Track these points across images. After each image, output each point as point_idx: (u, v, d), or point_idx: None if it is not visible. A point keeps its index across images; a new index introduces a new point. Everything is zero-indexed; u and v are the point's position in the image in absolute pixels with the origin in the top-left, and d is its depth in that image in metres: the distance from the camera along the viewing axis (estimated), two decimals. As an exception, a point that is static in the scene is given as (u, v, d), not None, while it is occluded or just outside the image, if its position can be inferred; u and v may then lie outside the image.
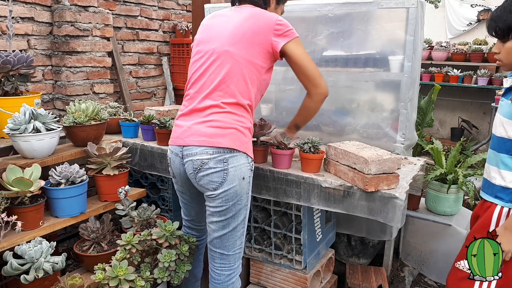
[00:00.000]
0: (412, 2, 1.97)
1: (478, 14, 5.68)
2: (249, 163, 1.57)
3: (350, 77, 2.24)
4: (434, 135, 5.89)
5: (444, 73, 5.62)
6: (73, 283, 1.61)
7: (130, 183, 2.42)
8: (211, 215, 1.58)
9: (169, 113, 2.59)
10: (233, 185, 1.51)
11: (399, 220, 1.60)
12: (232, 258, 1.63)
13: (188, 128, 1.56)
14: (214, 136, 1.50)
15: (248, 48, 1.55)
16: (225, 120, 1.51)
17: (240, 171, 1.52)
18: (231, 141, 1.50)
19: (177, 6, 3.75)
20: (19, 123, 1.84)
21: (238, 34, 1.56)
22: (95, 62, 2.89)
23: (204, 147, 1.50)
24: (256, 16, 1.59)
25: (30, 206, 1.73)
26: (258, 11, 1.61)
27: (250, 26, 1.56)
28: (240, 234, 1.61)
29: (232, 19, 1.61)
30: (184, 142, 1.55)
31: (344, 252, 2.54)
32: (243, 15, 1.59)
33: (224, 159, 1.50)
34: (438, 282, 2.55)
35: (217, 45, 1.58)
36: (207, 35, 1.65)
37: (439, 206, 2.56)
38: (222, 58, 1.55)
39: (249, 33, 1.55)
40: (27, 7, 2.61)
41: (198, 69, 1.62)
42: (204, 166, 1.50)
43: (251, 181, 1.60)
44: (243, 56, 1.54)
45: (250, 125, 1.60)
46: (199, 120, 1.54)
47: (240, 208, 1.57)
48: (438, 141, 2.83)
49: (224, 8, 1.77)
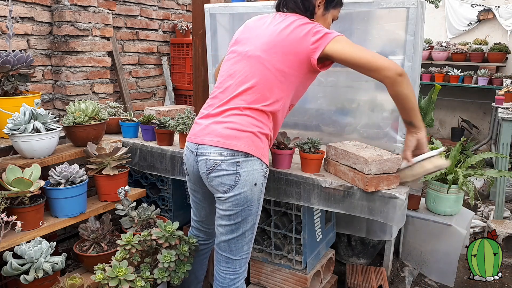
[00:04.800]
0: (412, 2, 1.97)
1: (478, 14, 5.67)
2: (263, 169, 1.53)
3: (350, 77, 2.24)
4: (434, 135, 5.89)
5: (444, 73, 5.62)
6: (73, 283, 1.61)
7: (130, 183, 2.42)
8: (220, 218, 1.56)
9: (169, 113, 2.59)
10: (244, 190, 1.49)
11: (399, 220, 1.60)
12: (238, 263, 1.60)
13: (205, 127, 1.54)
14: (230, 138, 1.47)
15: (282, 57, 1.51)
16: (242, 123, 1.48)
17: (253, 177, 1.49)
18: (246, 144, 1.47)
19: (177, 6, 3.75)
20: (19, 123, 1.84)
21: (274, 41, 1.53)
22: (95, 62, 2.89)
23: (219, 148, 1.48)
24: (296, 26, 1.53)
25: (30, 206, 1.73)
26: (301, 21, 1.55)
27: (288, 34, 1.52)
28: (248, 240, 1.59)
29: (273, 25, 1.58)
30: (200, 140, 1.53)
31: (344, 252, 2.54)
32: (285, 24, 1.55)
33: (238, 163, 1.47)
34: (438, 282, 2.55)
35: (251, 48, 1.56)
36: (245, 37, 1.63)
37: (439, 206, 2.56)
38: (253, 63, 1.53)
39: (285, 42, 1.51)
40: (27, 7, 2.60)
41: (228, 69, 1.60)
42: (217, 167, 1.48)
43: (263, 188, 1.56)
44: (275, 64, 1.51)
45: (269, 132, 1.55)
46: (217, 120, 1.52)
47: (250, 214, 1.54)
48: (439, 141, 2.83)
49: (262, 14, 1.73)
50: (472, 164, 2.65)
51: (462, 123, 5.83)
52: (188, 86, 3.72)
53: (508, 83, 4.53)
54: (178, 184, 2.43)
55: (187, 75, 3.71)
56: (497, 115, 4.01)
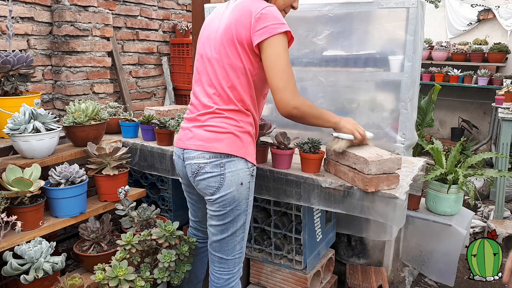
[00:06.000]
0: (412, 2, 1.97)
1: (478, 14, 5.67)
2: (249, 168, 1.53)
3: (350, 77, 2.24)
4: (434, 135, 5.89)
5: (444, 73, 5.62)
6: (73, 283, 1.61)
7: (130, 183, 2.42)
8: (211, 218, 1.57)
9: (169, 113, 2.59)
10: (231, 190, 1.49)
11: (399, 220, 1.60)
12: (231, 263, 1.61)
13: (189, 131, 1.56)
14: (211, 140, 1.49)
15: (230, 51, 1.46)
16: (221, 126, 1.49)
17: (238, 176, 1.50)
18: (227, 146, 1.48)
19: (177, 6, 3.75)
20: (18, 123, 1.84)
21: (222, 36, 1.49)
22: (95, 62, 2.89)
23: (201, 152, 1.49)
24: (240, 10, 1.45)
25: (29, 206, 1.73)
26: (247, 2, 1.46)
27: (233, 23, 1.45)
28: (239, 239, 1.59)
29: (222, 18, 1.54)
30: (184, 145, 1.55)
31: (344, 252, 2.54)
32: (230, 11, 1.50)
33: (221, 164, 1.48)
34: (438, 282, 2.55)
35: (207, 50, 1.55)
36: (202, 37, 1.62)
37: (439, 206, 2.56)
38: (212, 65, 1.52)
39: (230, 33, 1.46)
40: (27, 7, 2.60)
41: (196, 73, 1.61)
42: (201, 171, 1.50)
43: (251, 187, 1.57)
44: (227, 61, 1.48)
45: (250, 128, 1.55)
46: (198, 124, 1.53)
47: (239, 213, 1.54)
48: (438, 141, 2.83)
49: None
50: (472, 164, 2.65)
51: (462, 123, 5.83)
52: (188, 86, 3.72)
53: (508, 83, 4.53)
54: (178, 184, 2.42)
55: (187, 75, 3.71)
56: (497, 115, 4.01)
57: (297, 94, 1.46)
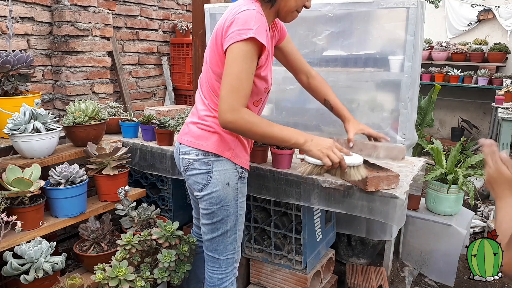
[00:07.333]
0: (412, 2, 1.97)
1: (478, 14, 5.68)
2: (237, 169, 1.53)
3: (350, 77, 2.24)
4: (434, 135, 5.89)
5: (444, 73, 5.63)
6: (73, 283, 1.61)
7: (130, 183, 2.42)
8: (202, 216, 1.59)
9: (169, 113, 2.59)
10: (216, 189, 1.50)
11: (399, 220, 1.60)
12: (223, 263, 1.61)
13: (186, 126, 1.60)
14: (200, 138, 1.51)
15: (211, 56, 1.45)
16: (210, 125, 1.50)
17: (225, 176, 1.51)
18: (213, 145, 1.49)
19: (177, 6, 3.75)
20: (19, 123, 1.84)
21: (210, 40, 1.48)
22: (95, 62, 2.89)
23: (191, 148, 1.52)
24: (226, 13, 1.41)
25: (30, 206, 1.73)
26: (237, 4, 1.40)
27: (217, 27, 1.43)
28: (231, 240, 1.59)
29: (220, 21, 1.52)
30: (180, 140, 1.59)
31: (344, 252, 2.54)
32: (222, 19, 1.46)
33: (209, 162, 1.50)
34: (438, 282, 2.55)
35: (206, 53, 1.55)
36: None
37: (439, 206, 2.56)
38: (205, 67, 1.53)
39: (213, 38, 1.44)
40: (27, 7, 2.61)
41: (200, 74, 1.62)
42: (191, 166, 1.52)
43: (240, 188, 1.56)
44: (210, 66, 1.47)
45: None
46: (194, 120, 1.56)
47: (228, 214, 1.54)
48: (438, 141, 2.83)
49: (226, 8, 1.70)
50: (472, 164, 2.65)
51: (462, 123, 5.83)
52: (188, 86, 3.72)
53: (508, 83, 4.53)
54: (178, 184, 2.43)
55: (187, 75, 3.71)
56: (497, 115, 4.02)
57: (236, 108, 1.32)
